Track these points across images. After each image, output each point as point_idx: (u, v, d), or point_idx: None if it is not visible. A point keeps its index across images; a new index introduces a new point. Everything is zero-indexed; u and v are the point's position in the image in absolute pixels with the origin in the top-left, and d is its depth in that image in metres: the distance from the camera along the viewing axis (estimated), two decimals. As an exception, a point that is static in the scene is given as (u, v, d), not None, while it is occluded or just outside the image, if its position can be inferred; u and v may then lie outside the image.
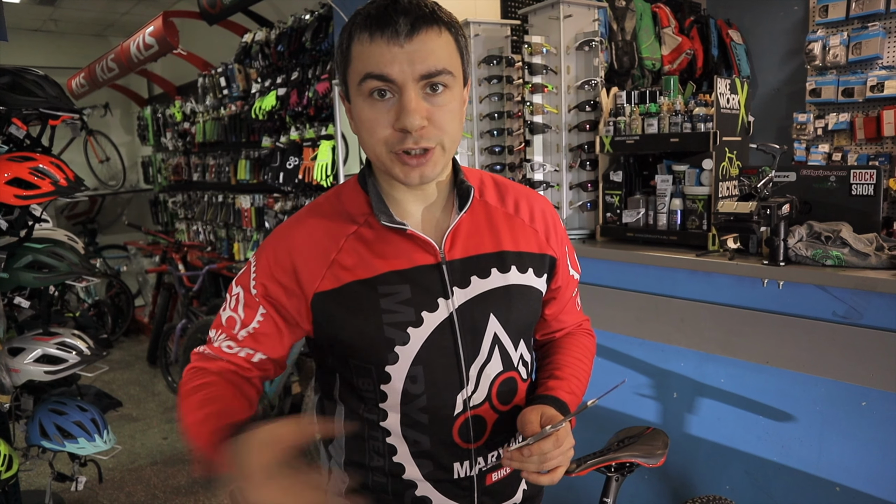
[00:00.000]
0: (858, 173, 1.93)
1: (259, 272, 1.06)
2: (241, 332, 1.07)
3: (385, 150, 0.96)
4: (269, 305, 1.05)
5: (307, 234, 1.05)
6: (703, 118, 2.19)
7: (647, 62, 3.42)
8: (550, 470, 0.98)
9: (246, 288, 1.07)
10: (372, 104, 0.95)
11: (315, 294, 1.03)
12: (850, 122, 3.40)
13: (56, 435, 2.55)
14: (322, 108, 3.82)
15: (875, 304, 1.74)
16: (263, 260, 1.06)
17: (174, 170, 6.32)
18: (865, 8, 3.25)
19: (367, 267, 1.02)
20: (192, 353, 1.11)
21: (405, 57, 0.91)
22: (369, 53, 0.92)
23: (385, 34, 0.91)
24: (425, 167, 0.97)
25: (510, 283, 1.08)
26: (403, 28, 0.91)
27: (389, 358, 1.02)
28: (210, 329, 1.11)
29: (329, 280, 1.02)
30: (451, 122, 0.97)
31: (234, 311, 1.08)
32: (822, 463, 1.89)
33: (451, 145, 1.00)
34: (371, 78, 0.93)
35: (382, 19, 0.91)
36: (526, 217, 1.14)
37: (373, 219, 1.05)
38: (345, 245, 1.04)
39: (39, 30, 7.29)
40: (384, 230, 1.04)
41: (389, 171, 0.99)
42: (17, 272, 2.42)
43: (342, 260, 1.03)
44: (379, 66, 0.92)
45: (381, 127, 0.95)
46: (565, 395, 1.11)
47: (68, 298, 3.00)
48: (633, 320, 2.28)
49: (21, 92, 2.36)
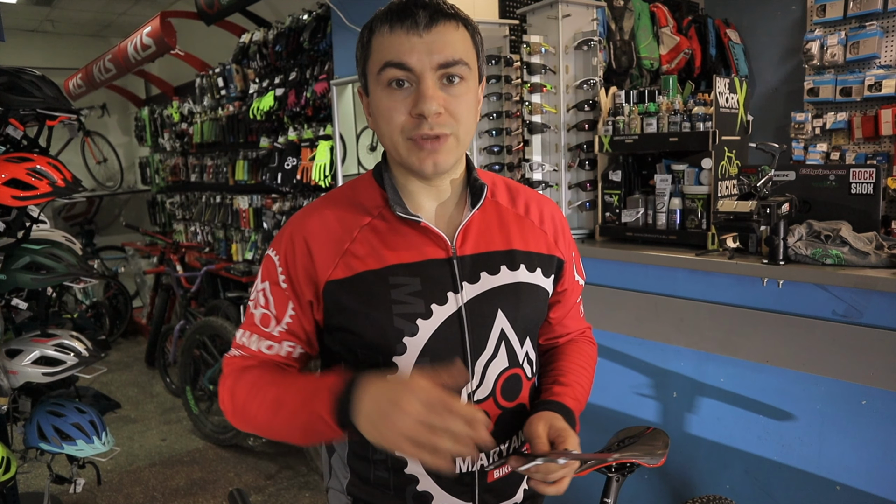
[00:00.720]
0: (858, 172, 1.93)
1: (283, 263, 1.06)
2: (277, 328, 1.08)
3: (402, 137, 0.99)
4: (295, 298, 1.06)
5: (322, 223, 1.07)
6: (702, 117, 2.19)
7: (646, 62, 3.42)
8: (556, 480, 0.99)
9: (274, 282, 1.07)
10: (390, 93, 0.98)
11: (327, 282, 1.04)
12: (848, 121, 3.40)
13: (54, 437, 2.54)
14: (320, 108, 3.81)
15: (875, 303, 1.74)
16: (283, 249, 1.07)
17: (172, 170, 6.31)
18: (863, 7, 3.25)
19: (379, 258, 1.04)
20: (225, 360, 1.12)
21: (424, 47, 0.95)
22: (389, 43, 0.96)
23: (405, 25, 0.95)
24: (439, 155, 0.99)
25: (519, 281, 1.10)
26: (423, 19, 0.95)
27: (398, 349, 1.03)
28: (238, 331, 1.12)
29: (341, 269, 1.03)
30: (465, 114, 1.00)
31: (265, 308, 1.08)
32: (823, 462, 1.89)
33: (465, 137, 1.02)
34: (390, 66, 0.96)
35: (403, 12, 0.96)
36: (536, 219, 1.16)
37: (386, 211, 1.07)
38: (358, 235, 1.05)
39: (36, 30, 7.28)
40: (398, 223, 1.06)
41: (405, 160, 1.01)
42: (15, 273, 2.41)
43: (355, 250, 1.04)
44: (399, 55, 0.95)
45: (399, 114, 0.98)
46: (570, 401, 1.12)
47: (66, 300, 3.00)
48: (633, 320, 2.28)
49: (18, 92, 2.35)
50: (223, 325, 3.86)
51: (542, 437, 0.99)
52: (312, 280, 1.04)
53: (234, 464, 3.66)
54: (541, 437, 0.99)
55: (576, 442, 1.00)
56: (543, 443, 0.99)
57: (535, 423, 1.02)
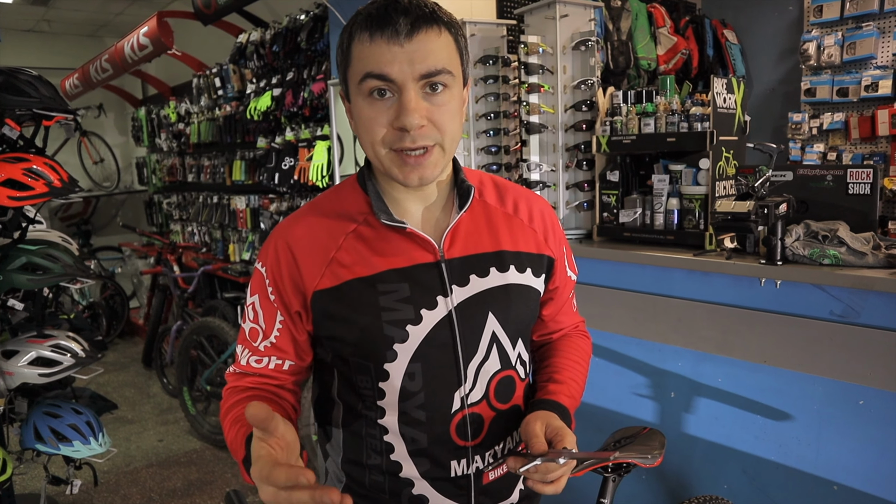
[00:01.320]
0: (855, 172, 1.93)
1: (270, 275, 1.06)
2: (262, 343, 1.08)
3: (384, 149, 0.97)
4: (284, 309, 1.06)
5: (307, 232, 1.06)
6: (699, 118, 2.20)
7: (643, 62, 3.43)
8: (554, 480, 0.98)
9: (263, 295, 1.07)
10: (371, 103, 0.95)
11: (315, 292, 1.03)
12: (845, 121, 3.40)
13: (51, 438, 2.54)
14: (317, 108, 3.81)
15: (872, 303, 1.74)
16: (270, 261, 1.06)
17: (169, 171, 6.30)
18: (860, 8, 3.26)
19: (366, 265, 1.03)
20: (227, 375, 1.14)
21: (405, 57, 0.92)
22: (369, 53, 0.93)
23: (385, 34, 0.92)
24: (424, 168, 0.97)
25: (509, 283, 1.09)
26: (403, 28, 0.91)
27: (388, 356, 1.02)
28: (237, 345, 1.13)
29: (328, 278, 1.02)
30: (450, 122, 0.97)
31: (254, 323, 1.09)
32: (820, 462, 1.89)
33: (451, 145, 1.00)
34: (371, 77, 0.93)
35: (383, 19, 0.92)
36: (525, 217, 1.15)
37: (372, 217, 1.05)
38: (344, 243, 1.04)
39: (32, 30, 7.26)
40: (383, 229, 1.04)
41: (388, 171, 0.99)
42: (11, 274, 2.41)
43: (341, 258, 1.03)
44: (379, 65, 0.92)
45: (380, 126, 0.95)
46: (566, 399, 1.11)
47: (62, 300, 2.99)
48: (631, 320, 2.28)
49: (15, 92, 2.34)
50: (220, 326, 3.86)
51: (540, 436, 0.99)
52: (300, 290, 1.04)
53: (231, 464, 3.65)
54: (538, 437, 0.98)
55: (573, 440, 0.99)
56: (541, 442, 0.98)
57: (532, 423, 1.01)
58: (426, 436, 1.05)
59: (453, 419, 1.06)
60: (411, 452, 1.06)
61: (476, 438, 1.08)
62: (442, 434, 1.06)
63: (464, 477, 1.09)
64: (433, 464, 1.07)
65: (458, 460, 1.07)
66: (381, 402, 1.05)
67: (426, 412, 1.05)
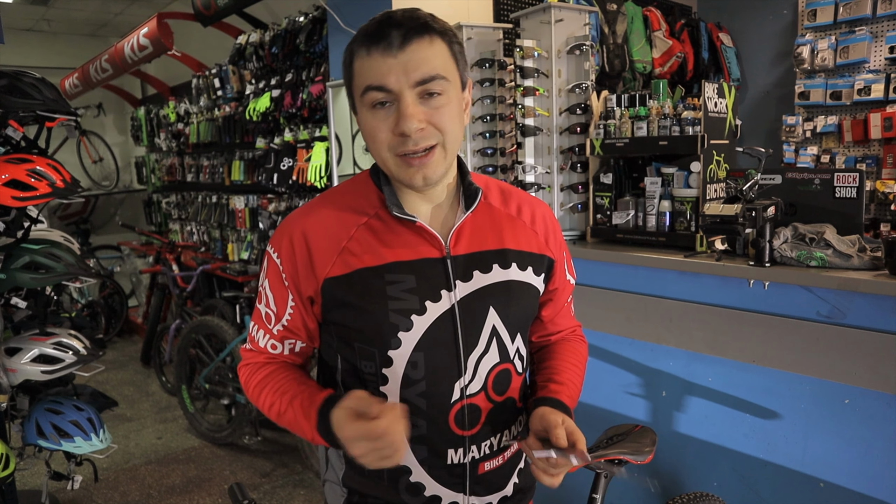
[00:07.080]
0: (842, 176, 1.97)
1: (284, 261, 1.11)
2: (276, 326, 1.15)
3: (389, 154, 1.03)
4: (296, 294, 1.11)
5: (320, 221, 1.11)
6: (691, 122, 2.23)
7: (638, 65, 3.46)
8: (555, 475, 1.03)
9: (275, 279, 1.13)
10: (374, 113, 1.02)
11: (326, 279, 1.08)
12: (838, 124, 3.45)
13: (53, 434, 2.57)
14: (316, 109, 3.84)
15: (857, 304, 1.78)
16: (285, 248, 1.11)
17: (168, 170, 6.32)
18: (853, 12, 3.30)
19: (375, 255, 1.08)
20: (242, 351, 1.22)
21: (399, 67, 0.98)
22: (368, 67, 1.00)
23: (380, 47, 0.99)
24: (427, 168, 1.03)
25: (510, 279, 1.14)
26: (396, 40, 0.98)
27: (393, 343, 1.07)
28: (251, 322, 1.20)
29: (339, 266, 1.08)
30: (449, 123, 1.03)
31: (267, 307, 1.15)
32: (807, 459, 1.93)
33: (452, 146, 1.06)
34: (371, 90, 1.00)
35: (377, 34, 0.99)
36: (527, 220, 1.21)
37: (383, 211, 1.11)
38: (355, 234, 1.10)
39: (32, 29, 7.27)
40: (394, 222, 1.10)
41: (396, 175, 1.06)
42: (14, 273, 2.44)
43: (352, 248, 1.09)
44: (377, 77, 0.99)
45: (384, 133, 1.02)
46: (567, 399, 1.17)
47: (61, 299, 3.01)
48: (623, 320, 2.32)
49: (18, 95, 2.37)
50: (219, 325, 3.89)
51: (562, 429, 1.02)
52: (312, 277, 1.09)
53: (229, 462, 3.69)
54: (560, 429, 1.02)
55: (584, 442, 1.03)
56: (563, 436, 1.01)
57: (551, 414, 1.05)
58: (426, 423, 1.10)
59: (452, 409, 1.11)
60: (411, 439, 1.10)
61: (473, 428, 1.13)
62: (441, 422, 1.11)
63: (460, 465, 1.13)
64: (431, 451, 1.12)
65: (454, 449, 1.12)
66: (383, 388, 1.10)
67: (427, 400, 1.09)
